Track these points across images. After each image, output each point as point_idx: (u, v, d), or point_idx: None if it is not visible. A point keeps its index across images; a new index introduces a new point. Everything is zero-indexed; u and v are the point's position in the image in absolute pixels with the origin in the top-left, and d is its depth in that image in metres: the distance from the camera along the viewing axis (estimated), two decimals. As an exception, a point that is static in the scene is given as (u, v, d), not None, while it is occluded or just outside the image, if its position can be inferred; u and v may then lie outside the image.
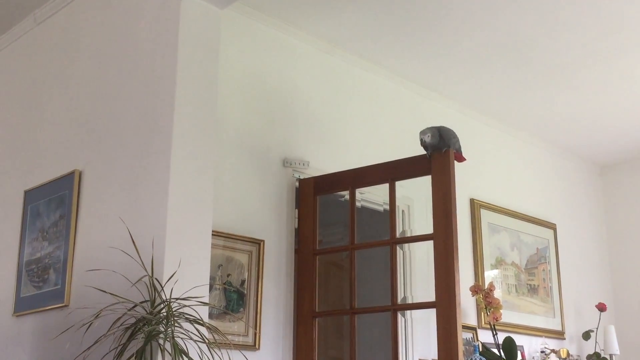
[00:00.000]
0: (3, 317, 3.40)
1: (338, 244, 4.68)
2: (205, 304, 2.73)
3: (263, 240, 3.76)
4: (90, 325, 2.59)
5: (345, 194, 3.96)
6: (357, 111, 4.51)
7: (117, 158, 3.11)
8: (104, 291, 2.68)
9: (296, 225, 3.96)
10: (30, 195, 3.45)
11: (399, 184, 3.80)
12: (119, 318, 2.55)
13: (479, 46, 4.43)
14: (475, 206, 5.16)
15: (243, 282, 3.62)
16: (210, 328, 2.65)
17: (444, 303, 3.35)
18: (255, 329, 3.60)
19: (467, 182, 4.92)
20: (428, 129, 3.63)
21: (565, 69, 4.75)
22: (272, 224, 3.86)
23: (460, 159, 3.70)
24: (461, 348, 3.32)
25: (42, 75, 3.84)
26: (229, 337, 3.41)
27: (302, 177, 4.00)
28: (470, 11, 4.04)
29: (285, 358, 3.74)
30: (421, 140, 3.61)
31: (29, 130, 3.78)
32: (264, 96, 4.01)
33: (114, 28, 3.40)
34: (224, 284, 3.54)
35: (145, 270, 2.63)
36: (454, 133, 3.68)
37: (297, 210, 3.98)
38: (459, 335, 3.29)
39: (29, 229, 3.39)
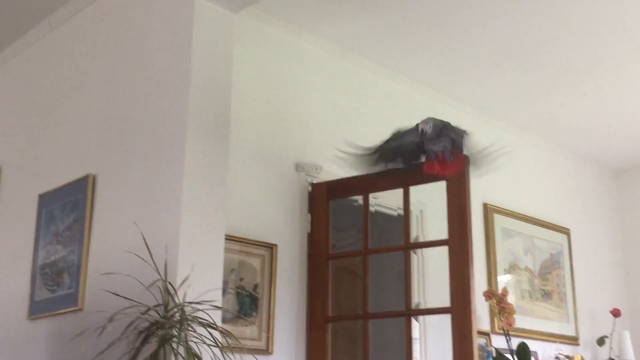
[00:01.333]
0: (18, 320, 3.42)
1: (351, 248, 4.67)
2: (218, 307, 2.72)
3: (276, 245, 3.75)
4: (104, 328, 2.60)
5: (359, 199, 3.95)
6: (370, 115, 4.51)
7: (131, 162, 3.12)
8: (118, 295, 2.68)
9: (309, 230, 3.95)
10: (45, 199, 3.46)
11: (413, 189, 3.78)
12: (133, 322, 2.55)
13: (493, 50, 4.41)
14: (488, 211, 5.14)
15: (256, 286, 3.62)
16: (223, 332, 2.64)
17: (459, 309, 3.33)
18: (268, 333, 3.60)
19: (480, 186, 4.89)
20: (430, 119, 3.44)
21: (579, 73, 4.72)
22: (285, 228, 3.85)
23: (449, 169, 3.38)
24: (477, 354, 3.30)
25: (57, 79, 3.86)
26: (242, 341, 3.40)
27: (315, 182, 3.99)
28: (484, 15, 4.03)
29: (298, 362, 3.74)
30: (421, 130, 3.36)
31: (43, 134, 3.80)
32: (276, 100, 4.01)
33: (128, 33, 3.41)
34: (237, 288, 3.54)
35: (159, 274, 2.62)
36: (461, 132, 3.40)
37: (310, 214, 3.97)
38: (474, 341, 3.28)
39: (43, 233, 3.40)
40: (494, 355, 4.51)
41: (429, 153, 3.39)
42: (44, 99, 3.92)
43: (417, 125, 3.42)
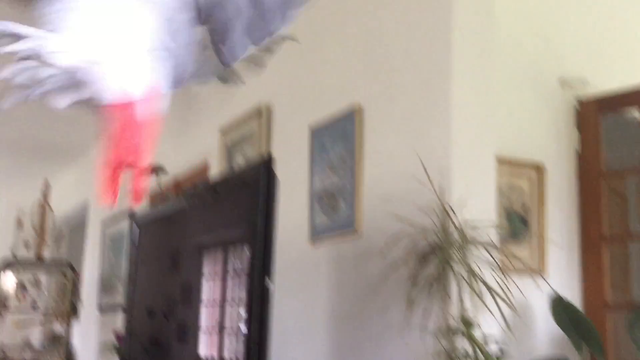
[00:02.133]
0: (301, 245, 3.67)
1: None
2: (495, 228, 2.72)
3: (543, 164, 3.63)
4: (386, 252, 2.71)
5: (634, 114, 3.66)
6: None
7: (396, 92, 3.16)
8: (398, 220, 2.76)
9: (577, 148, 3.76)
10: (315, 131, 3.64)
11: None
12: (413, 245, 2.63)
13: None
14: None
15: (525, 207, 3.54)
16: (502, 252, 2.63)
17: None
18: (540, 254, 3.52)
19: None
20: None
21: None
22: (551, 147, 3.71)
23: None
24: None
25: (318, 14, 3.98)
26: (516, 262, 3.37)
27: (581, 97, 3.77)
28: None
29: (572, 284, 3.63)
30: None
31: (307, 69, 3.97)
32: (537, 12, 3.81)
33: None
34: (507, 209, 3.49)
35: (437, 196, 2.66)
36: None
37: (577, 131, 3.76)
38: None
39: (316, 163, 3.59)
40: None
41: None
42: (306, 32, 4.07)
43: None
